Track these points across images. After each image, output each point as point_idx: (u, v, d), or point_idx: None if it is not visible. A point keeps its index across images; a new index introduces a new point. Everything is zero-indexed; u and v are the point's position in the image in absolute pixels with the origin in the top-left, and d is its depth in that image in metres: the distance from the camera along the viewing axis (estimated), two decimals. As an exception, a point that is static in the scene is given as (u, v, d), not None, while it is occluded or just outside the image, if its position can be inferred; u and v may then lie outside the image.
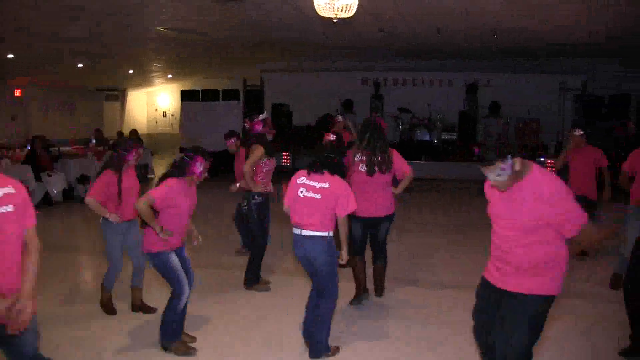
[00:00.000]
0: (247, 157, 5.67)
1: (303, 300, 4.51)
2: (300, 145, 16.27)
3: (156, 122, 23.21)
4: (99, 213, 4.86)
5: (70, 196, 11.07)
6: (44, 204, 10.41)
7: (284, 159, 15.12)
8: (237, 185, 6.11)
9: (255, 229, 5.82)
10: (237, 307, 5.35)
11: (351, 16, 7.94)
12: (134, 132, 15.06)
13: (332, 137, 4.54)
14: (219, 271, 6.55)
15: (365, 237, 5.32)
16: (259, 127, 5.75)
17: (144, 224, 4.20)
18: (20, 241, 2.82)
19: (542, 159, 14.07)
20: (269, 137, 5.84)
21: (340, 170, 4.23)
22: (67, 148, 13.47)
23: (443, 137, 16.86)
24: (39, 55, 13.88)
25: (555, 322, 4.97)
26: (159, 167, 15.34)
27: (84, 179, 11.15)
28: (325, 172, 4.11)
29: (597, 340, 4.68)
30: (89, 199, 4.79)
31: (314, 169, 4.16)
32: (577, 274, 6.51)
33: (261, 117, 5.85)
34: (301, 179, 4.19)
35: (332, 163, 4.17)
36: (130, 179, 5.02)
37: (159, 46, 14.57)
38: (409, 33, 12.81)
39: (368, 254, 5.46)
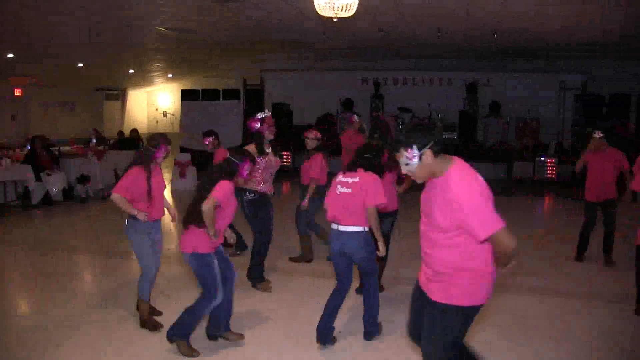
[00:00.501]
0: None
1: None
2: (300, 144, 16.27)
3: (156, 122, 23.24)
4: (126, 210, 4.55)
5: (70, 196, 11.07)
6: (44, 203, 10.42)
7: (284, 158, 15.12)
8: None
9: (253, 226, 5.83)
10: (248, 304, 5.35)
11: (351, 16, 7.94)
12: (134, 131, 15.05)
13: (312, 134, 5.21)
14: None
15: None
16: (255, 125, 5.75)
17: (187, 224, 4.18)
18: None
19: (542, 158, 14.08)
20: (270, 136, 5.81)
21: (374, 168, 4.40)
22: (67, 148, 13.47)
23: (443, 136, 16.85)
24: (39, 55, 13.89)
25: (578, 321, 4.99)
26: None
27: (83, 179, 11.15)
28: (359, 169, 4.34)
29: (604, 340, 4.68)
30: (115, 195, 4.51)
31: (350, 167, 4.39)
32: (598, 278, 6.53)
33: (260, 115, 5.84)
34: (339, 177, 4.41)
35: (369, 163, 4.40)
36: (158, 177, 4.81)
37: (159, 46, 14.58)
38: (409, 33, 12.82)
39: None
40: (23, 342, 4.51)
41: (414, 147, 2.79)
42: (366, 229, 4.29)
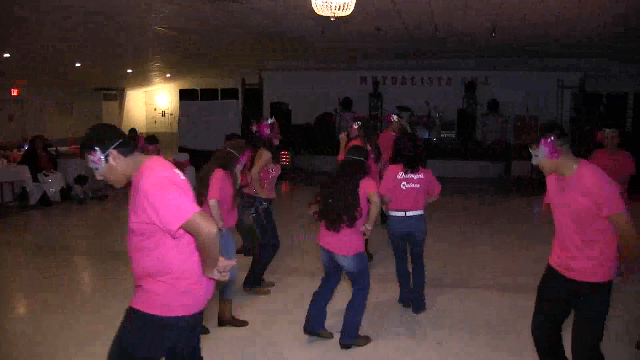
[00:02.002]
0: (252, 161, 5.61)
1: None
2: (300, 144, 16.27)
3: (155, 122, 23.19)
4: (217, 218, 4.38)
5: (68, 196, 11.04)
6: (42, 204, 10.40)
7: (283, 157, 15.11)
8: None
9: (264, 235, 5.73)
10: (252, 305, 5.34)
11: (348, 15, 7.92)
12: (132, 131, 15.03)
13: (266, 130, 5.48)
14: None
15: None
16: (266, 131, 5.60)
17: (339, 227, 4.24)
18: None
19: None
20: (276, 142, 5.68)
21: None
22: (66, 148, 13.45)
23: (442, 135, 16.88)
24: (37, 55, 13.85)
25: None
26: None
27: (81, 179, 11.13)
28: (419, 167, 5.12)
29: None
30: (214, 201, 4.37)
31: (411, 166, 5.07)
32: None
33: (269, 121, 5.70)
34: (400, 174, 5.05)
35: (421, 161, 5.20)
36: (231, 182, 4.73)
37: (157, 45, 14.55)
38: (407, 32, 12.80)
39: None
40: (20, 344, 4.49)
41: (97, 149, 2.55)
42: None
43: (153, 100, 23.29)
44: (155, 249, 2.56)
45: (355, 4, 7.75)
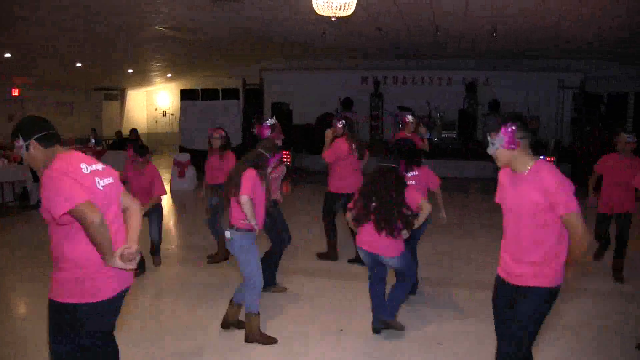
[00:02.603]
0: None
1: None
2: (300, 144, 16.25)
3: (156, 122, 23.20)
4: (250, 217, 4.27)
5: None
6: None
7: (284, 158, 15.09)
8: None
9: (271, 235, 5.67)
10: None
11: (349, 15, 7.92)
12: (133, 131, 15.03)
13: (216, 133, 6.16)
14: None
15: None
16: (267, 132, 5.56)
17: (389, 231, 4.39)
18: None
19: (541, 157, 14.05)
20: (278, 143, 5.48)
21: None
22: (66, 148, 13.42)
23: (443, 135, 16.87)
24: (37, 55, 13.86)
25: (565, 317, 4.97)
26: (159, 167, 15.29)
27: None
28: (414, 166, 5.26)
29: (611, 335, 4.66)
30: (246, 197, 4.21)
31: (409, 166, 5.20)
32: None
33: (270, 121, 5.66)
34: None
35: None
36: None
37: (158, 45, 14.55)
38: (407, 32, 12.80)
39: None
40: (21, 345, 4.49)
41: (20, 138, 2.86)
42: None
43: (154, 100, 23.29)
44: (54, 237, 2.85)
45: (356, 4, 7.76)
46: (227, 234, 4.37)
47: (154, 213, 6.36)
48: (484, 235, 8.44)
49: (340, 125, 6.63)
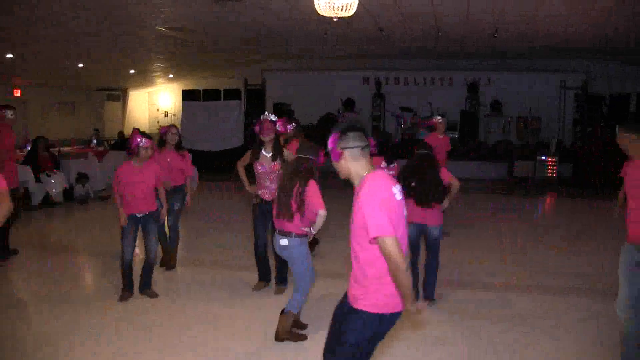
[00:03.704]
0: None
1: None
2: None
3: (157, 122, 23.18)
4: (318, 227, 4.50)
5: (71, 197, 11.05)
6: (44, 204, 10.40)
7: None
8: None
9: (254, 229, 5.80)
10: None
11: (351, 15, 7.92)
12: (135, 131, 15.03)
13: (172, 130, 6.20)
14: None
15: None
16: (256, 129, 5.64)
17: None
18: None
19: (543, 158, 14.06)
20: (264, 138, 5.53)
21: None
22: (68, 148, 13.46)
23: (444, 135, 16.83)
24: (39, 55, 13.87)
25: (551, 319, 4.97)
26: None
27: (81, 177, 11.14)
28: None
29: (590, 335, 4.65)
30: (324, 211, 4.38)
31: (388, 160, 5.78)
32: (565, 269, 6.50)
33: (268, 116, 5.66)
34: (382, 164, 5.51)
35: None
36: None
37: (160, 46, 14.56)
38: (409, 33, 12.80)
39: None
40: (22, 344, 4.49)
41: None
42: None
43: (156, 101, 23.29)
44: None
45: (358, 4, 7.76)
46: (285, 241, 4.48)
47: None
48: (483, 235, 8.43)
49: (290, 128, 6.67)
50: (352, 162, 2.81)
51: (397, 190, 2.77)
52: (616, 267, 3.75)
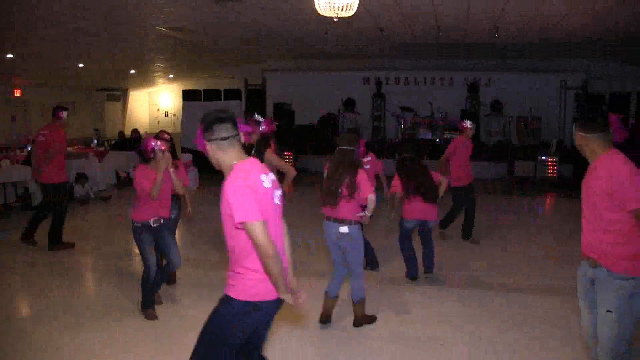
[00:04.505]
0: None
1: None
2: (302, 144, 16.24)
3: (158, 122, 23.21)
4: (371, 211, 4.63)
5: (71, 197, 11.04)
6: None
7: (286, 159, 15.09)
8: None
9: None
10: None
11: (351, 15, 7.92)
12: (135, 131, 15.05)
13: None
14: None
15: None
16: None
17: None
18: None
19: (543, 158, 14.05)
20: (243, 139, 5.51)
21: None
22: (68, 149, 13.45)
23: (445, 135, 16.83)
24: (39, 56, 13.87)
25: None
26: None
27: (81, 177, 11.14)
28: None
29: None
30: (374, 195, 4.61)
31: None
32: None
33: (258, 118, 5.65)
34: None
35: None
36: None
37: (160, 46, 14.57)
38: (410, 33, 12.80)
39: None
40: (23, 344, 4.50)
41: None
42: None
43: (156, 101, 23.31)
44: None
45: (359, 4, 7.76)
46: (345, 228, 4.59)
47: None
48: (483, 236, 8.43)
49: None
50: (219, 153, 2.80)
51: (265, 178, 2.76)
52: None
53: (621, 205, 3.06)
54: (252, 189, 2.64)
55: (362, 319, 4.87)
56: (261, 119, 5.60)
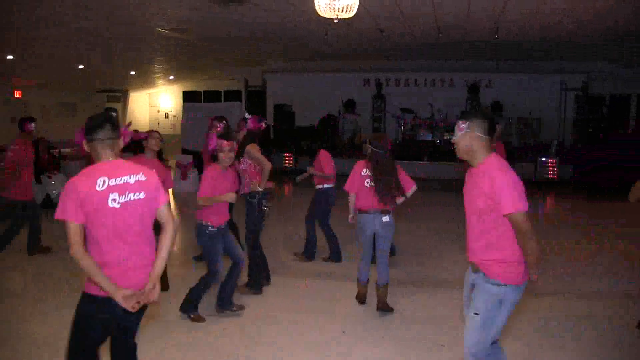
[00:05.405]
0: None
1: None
2: (303, 145, 16.24)
3: (158, 123, 23.23)
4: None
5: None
6: (45, 206, 10.38)
7: (286, 160, 15.09)
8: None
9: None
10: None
11: (351, 17, 7.92)
12: (135, 132, 15.01)
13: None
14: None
15: None
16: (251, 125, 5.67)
17: None
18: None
19: (543, 159, 14.04)
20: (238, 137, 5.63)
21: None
22: (69, 150, 13.46)
23: (445, 137, 16.82)
24: (40, 57, 13.88)
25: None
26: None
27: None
28: None
29: (609, 341, 4.64)
30: (415, 186, 5.24)
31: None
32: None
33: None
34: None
35: None
36: None
37: (161, 47, 14.58)
38: (410, 34, 12.80)
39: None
40: (23, 347, 4.49)
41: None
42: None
43: (156, 102, 23.33)
44: None
45: (359, 6, 7.75)
46: (387, 218, 5.08)
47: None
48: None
49: (220, 126, 6.65)
50: (93, 153, 2.93)
51: (101, 182, 2.79)
52: (614, 269, 3.72)
53: (497, 210, 3.02)
54: (75, 189, 2.72)
55: (385, 304, 5.21)
56: (249, 117, 5.68)
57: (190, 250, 7.26)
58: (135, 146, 5.41)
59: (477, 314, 3.13)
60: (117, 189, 2.82)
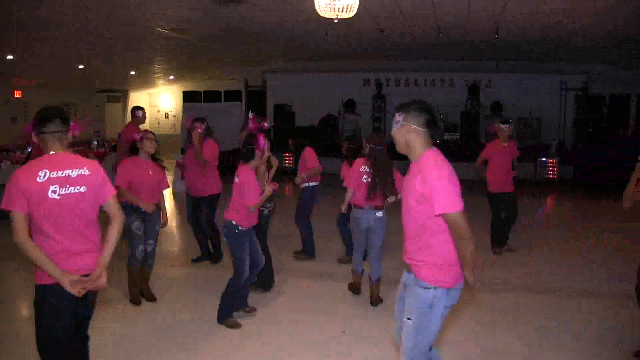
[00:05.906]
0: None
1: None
2: (302, 145, 16.24)
3: (158, 123, 23.25)
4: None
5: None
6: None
7: (286, 160, 15.07)
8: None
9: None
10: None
11: (352, 17, 7.91)
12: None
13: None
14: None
15: None
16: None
17: None
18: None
19: (543, 159, 14.04)
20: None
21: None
22: (69, 150, 13.44)
23: (445, 137, 16.81)
24: (40, 57, 13.88)
25: (566, 322, 4.96)
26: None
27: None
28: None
29: (609, 341, 4.64)
30: None
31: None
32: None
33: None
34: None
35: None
36: None
37: (161, 47, 14.58)
38: (410, 34, 12.80)
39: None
40: (22, 346, 4.49)
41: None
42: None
43: (156, 102, 23.34)
44: None
45: (359, 6, 7.75)
46: (380, 213, 5.35)
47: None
48: (485, 236, 8.41)
49: (202, 127, 6.56)
50: (41, 145, 3.04)
51: (43, 174, 2.88)
52: (614, 268, 3.71)
53: (429, 210, 2.89)
54: (17, 181, 2.85)
55: (378, 298, 5.44)
56: (251, 116, 5.71)
57: (191, 251, 7.26)
58: (132, 148, 5.37)
59: (409, 319, 3.01)
60: (57, 181, 2.92)
